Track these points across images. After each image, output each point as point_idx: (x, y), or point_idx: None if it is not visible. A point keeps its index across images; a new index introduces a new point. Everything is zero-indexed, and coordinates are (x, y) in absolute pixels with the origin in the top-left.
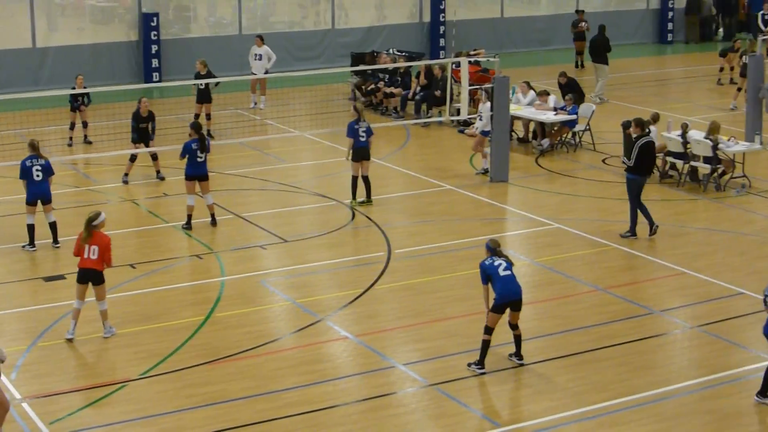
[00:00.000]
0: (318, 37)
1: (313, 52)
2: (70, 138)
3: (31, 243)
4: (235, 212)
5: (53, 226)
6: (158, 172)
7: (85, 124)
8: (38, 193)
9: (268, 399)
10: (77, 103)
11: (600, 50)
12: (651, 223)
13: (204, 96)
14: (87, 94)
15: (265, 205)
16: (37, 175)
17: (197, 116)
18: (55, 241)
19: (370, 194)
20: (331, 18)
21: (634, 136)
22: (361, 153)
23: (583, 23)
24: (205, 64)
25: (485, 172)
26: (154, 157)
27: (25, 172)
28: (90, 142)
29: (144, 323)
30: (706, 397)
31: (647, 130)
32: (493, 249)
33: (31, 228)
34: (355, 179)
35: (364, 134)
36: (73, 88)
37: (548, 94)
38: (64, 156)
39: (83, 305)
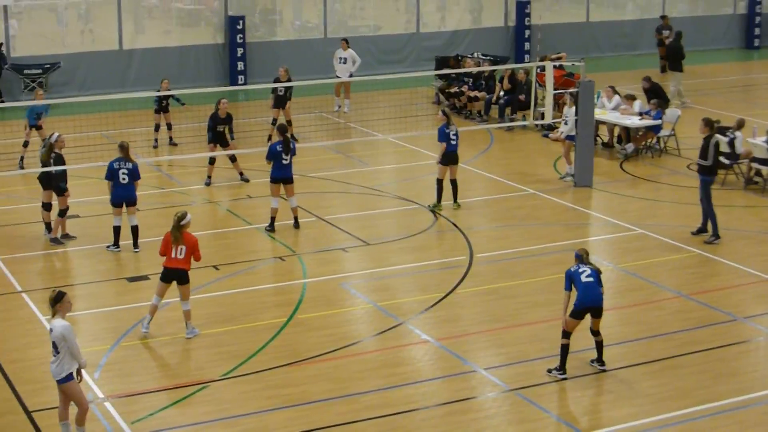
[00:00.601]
0: (402, 40)
1: (397, 56)
2: (156, 140)
3: (116, 244)
4: (318, 215)
5: (135, 229)
6: (241, 174)
7: (169, 126)
8: (124, 196)
9: (348, 401)
10: (162, 105)
11: (673, 57)
12: (705, 228)
13: (281, 102)
14: (174, 96)
15: (347, 208)
16: (123, 178)
17: (275, 120)
18: (135, 245)
19: (457, 197)
20: (416, 22)
21: (704, 136)
22: (450, 157)
23: (666, 31)
24: (288, 72)
25: (570, 176)
26: (233, 159)
27: (112, 174)
28: (175, 144)
29: (226, 324)
30: None
31: (733, 135)
32: (581, 257)
33: (117, 230)
34: (440, 183)
35: (454, 138)
36: (158, 91)
37: (634, 98)
38: (149, 157)
39: (160, 303)
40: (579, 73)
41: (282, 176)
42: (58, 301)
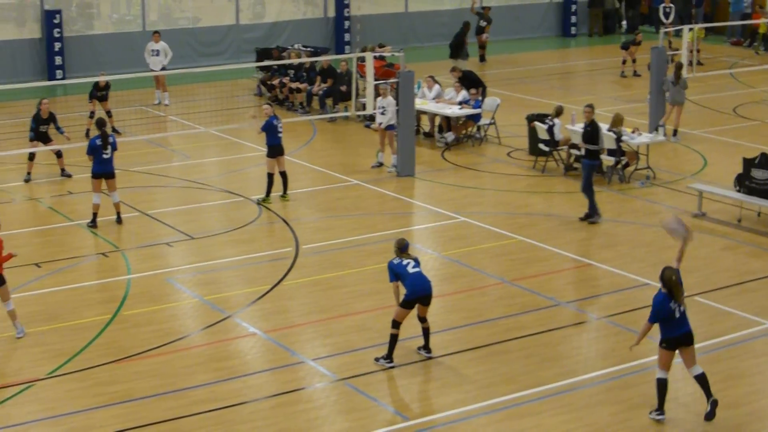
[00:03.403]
0: (222, 32)
1: (217, 48)
2: None
3: None
4: (141, 210)
5: None
6: (63, 170)
7: None
8: None
9: (176, 397)
10: None
11: (454, 47)
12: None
13: (102, 98)
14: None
15: (171, 202)
16: None
17: (93, 113)
18: None
19: (287, 189)
20: (235, 13)
21: (588, 121)
22: (278, 149)
23: (484, 22)
24: (104, 74)
25: (380, 165)
26: (59, 154)
27: None
28: None
29: (50, 322)
30: (613, 388)
31: (552, 122)
32: (402, 249)
33: None
34: (271, 176)
35: (281, 130)
36: None
37: (462, 86)
38: None
39: None
40: (399, 64)
41: (103, 171)
42: None
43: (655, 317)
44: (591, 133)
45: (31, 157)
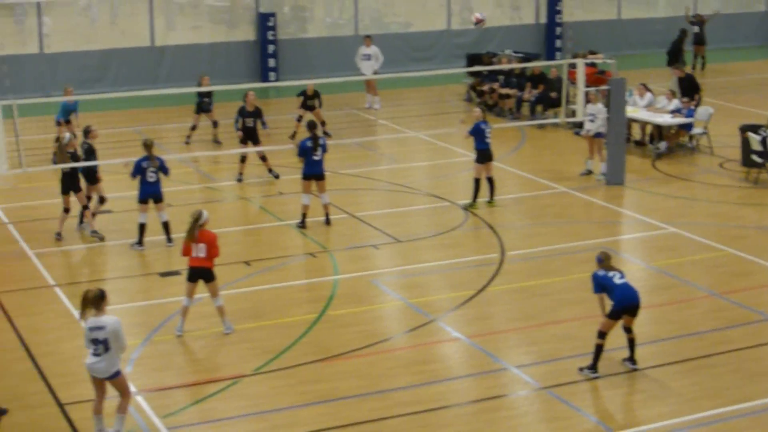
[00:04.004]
0: (433, 37)
1: (428, 53)
2: (188, 137)
3: (140, 242)
4: (349, 212)
5: (166, 225)
6: (270, 170)
7: (215, 124)
8: (151, 192)
9: (379, 398)
10: (204, 104)
11: (672, 54)
12: None
13: (311, 108)
14: (210, 94)
15: (378, 205)
16: (151, 176)
17: (300, 117)
18: (169, 239)
19: (494, 195)
20: (446, 18)
21: None
22: (486, 154)
23: (696, 26)
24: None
25: (589, 173)
26: (263, 158)
27: (140, 172)
28: (219, 142)
29: (258, 320)
30: None
31: (766, 132)
32: (604, 261)
33: (142, 227)
34: (478, 182)
35: (489, 135)
36: (199, 86)
37: (675, 95)
38: (181, 153)
39: (192, 303)
40: (610, 71)
41: (313, 173)
42: (102, 299)
43: None
44: None
45: (243, 159)
